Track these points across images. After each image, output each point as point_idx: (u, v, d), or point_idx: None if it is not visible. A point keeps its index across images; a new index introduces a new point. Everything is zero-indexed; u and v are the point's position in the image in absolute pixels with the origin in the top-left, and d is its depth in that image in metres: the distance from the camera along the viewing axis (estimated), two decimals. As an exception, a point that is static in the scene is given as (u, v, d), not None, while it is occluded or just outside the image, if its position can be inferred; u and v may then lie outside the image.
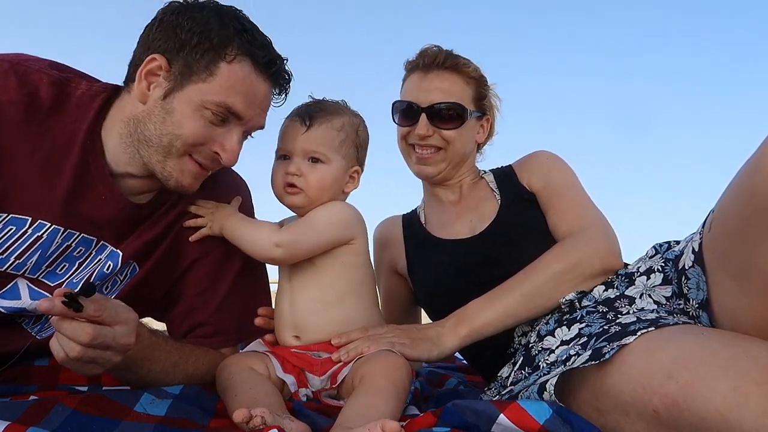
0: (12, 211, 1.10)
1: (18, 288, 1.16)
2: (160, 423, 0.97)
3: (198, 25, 1.13)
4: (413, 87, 1.57)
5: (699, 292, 1.04)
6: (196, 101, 1.13)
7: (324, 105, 1.34)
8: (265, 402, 1.02)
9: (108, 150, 1.18)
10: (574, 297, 1.28)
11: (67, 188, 1.13)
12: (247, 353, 1.28)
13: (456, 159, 1.57)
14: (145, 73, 1.14)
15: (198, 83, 1.13)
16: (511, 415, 0.87)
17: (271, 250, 1.27)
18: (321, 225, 1.29)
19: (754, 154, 0.84)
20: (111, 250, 1.22)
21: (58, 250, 1.16)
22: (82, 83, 1.17)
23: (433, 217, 1.65)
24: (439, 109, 1.51)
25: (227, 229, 1.30)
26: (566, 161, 1.56)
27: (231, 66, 1.13)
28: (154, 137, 1.14)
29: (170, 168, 1.17)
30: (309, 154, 1.29)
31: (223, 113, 1.15)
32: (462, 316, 1.30)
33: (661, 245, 1.28)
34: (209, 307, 1.32)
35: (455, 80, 1.55)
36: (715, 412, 0.77)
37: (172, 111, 1.13)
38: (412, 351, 1.24)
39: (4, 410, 0.85)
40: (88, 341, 0.88)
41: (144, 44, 1.17)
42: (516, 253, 1.41)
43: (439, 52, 1.56)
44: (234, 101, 1.14)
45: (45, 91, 1.11)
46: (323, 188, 1.30)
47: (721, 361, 0.81)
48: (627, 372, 0.90)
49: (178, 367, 1.20)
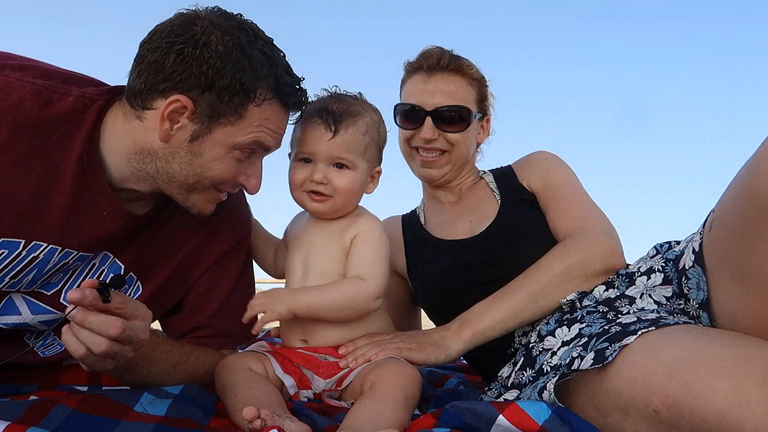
0: (3, 235, 1.04)
1: (14, 303, 1.14)
2: (160, 423, 0.97)
3: (223, 62, 1.05)
4: (416, 89, 1.55)
5: (699, 292, 1.04)
6: (225, 144, 1.10)
7: (346, 104, 1.28)
8: (266, 401, 1.02)
9: (110, 167, 1.13)
10: (575, 297, 1.28)
11: (64, 206, 1.08)
12: (245, 353, 1.27)
13: (460, 161, 1.57)
14: (168, 113, 1.06)
15: (227, 126, 1.09)
16: (510, 415, 0.87)
17: (373, 304, 1.25)
18: (384, 252, 1.28)
19: (755, 155, 0.84)
20: (111, 260, 1.20)
21: (56, 266, 1.12)
22: (71, 90, 1.08)
23: (433, 218, 1.65)
24: (445, 113, 1.50)
25: (302, 308, 1.21)
26: (566, 161, 1.56)
27: (260, 108, 1.10)
28: (179, 175, 1.11)
29: (193, 200, 1.16)
30: (335, 161, 1.25)
31: (255, 148, 1.14)
32: (466, 320, 1.30)
33: (662, 245, 1.28)
34: (209, 309, 1.32)
35: (459, 82, 1.54)
36: (715, 412, 0.77)
37: (201, 154, 1.10)
38: (418, 355, 1.25)
39: (4, 410, 0.86)
40: (118, 334, 0.88)
41: (158, 74, 1.06)
42: (515, 254, 1.41)
43: (443, 53, 1.55)
44: (264, 138, 1.13)
45: (28, 105, 1.02)
46: (351, 195, 1.28)
47: (721, 361, 0.81)
48: (627, 372, 0.90)
49: (178, 367, 1.20)
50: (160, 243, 1.26)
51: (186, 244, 1.29)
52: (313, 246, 1.30)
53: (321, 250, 1.29)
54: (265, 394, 1.08)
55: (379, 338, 1.28)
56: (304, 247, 1.31)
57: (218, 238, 1.33)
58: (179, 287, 1.31)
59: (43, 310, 1.16)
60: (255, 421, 0.87)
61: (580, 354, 1.04)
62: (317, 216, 1.32)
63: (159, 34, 1.08)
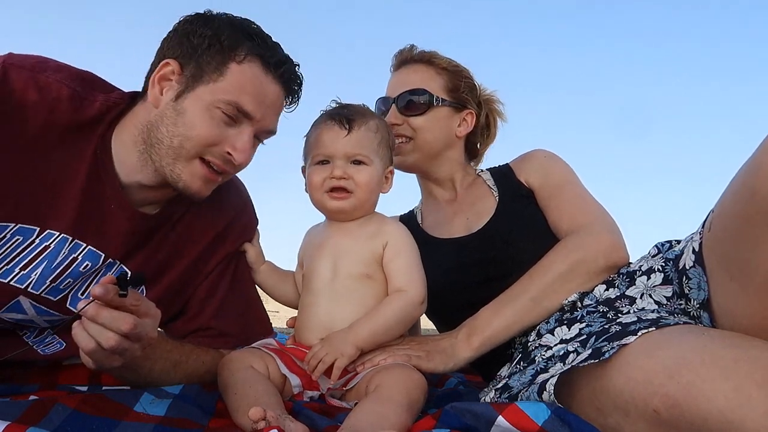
0: (20, 221, 1.10)
1: (21, 305, 1.16)
2: (160, 423, 0.97)
3: (210, 30, 1.16)
4: (389, 84, 1.63)
5: (700, 292, 1.04)
6: (206, 101, 1.14)
7: (354, 108, 1.36)
8: (264, 401, 1.02)
9: (117, 158, 1.18)
10: (576, 297, 1.27)
11: (78, 198, 1.13)
12: (248, 350, 1.27)
13: (427, 148, 1.57)
14: (158, 78, 1.16)
15: (209, 84, 1.14)
16: (510, 416, 0.88)
17: (420, 309, 1.31)
18: (416, 257, 1.33)
19: (754, 155, 0.84)
20: (118, 267, 1.22)
21: (65, 262, 1.15)
22: (98, 96, 1.16)
23: (430, 217, 1.65)
24: (405, 97, 1.55)
25: (366, 339, 1.23)
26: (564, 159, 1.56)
27: (241, 66, 1.15)
28: (165, 139, 1.15)
29: (179, 170, 1.17)
30: (352, 157, 1.30)
31: (234, 112, 1.15)
32: (473, 327, 1.30)
33: (663, 244, 1.28)
34: (211, 311, 1.33)
35: (424, 71, 1.59)
36: (716, 413, 0.76)
37: (184, 112, 1.14)
38: (427, 364, 1.26)
39: (4, 410, 0.85)
40: (129, 330, 0.89)
41: (159, 53, 1.20)
42: (514, 251, 1.41)
43: (412, 47, 1.62)
44: (244, 100, 1.15)
45: (64, 107, 1.10)
46: (371, 190, 1.32)
47: (722, 361, 0.81)
48: (627, 372, 0.90)
49: (179, 366, 1.20)
50: (166, 251, 1.28)
51: (190, 252, 1.31)
52: (341, 250, 1.32)
53: (350, 253, 1.32)
54: (264, 393, 1.08)
55: (391, 345, 1.29)
56: (332, 253, 1.33)
57: (223, 242, 1.35)
58: (182, 294, 1.32)
59: (49, 314, 1.19)
60: (260, 422, 0.88)
61: (577, 350, 1.04)
62: (338, 216, 1.35)
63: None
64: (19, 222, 1.10)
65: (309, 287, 1.34)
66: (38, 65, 1.11)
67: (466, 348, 1.29)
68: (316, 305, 1.31)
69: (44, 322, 1.20)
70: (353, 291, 1.29)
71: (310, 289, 1.34)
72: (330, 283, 1.31)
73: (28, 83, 1.07)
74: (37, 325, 1.21)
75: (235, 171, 1.25)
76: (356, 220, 1.35)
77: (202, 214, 1.33)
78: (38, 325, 1.21)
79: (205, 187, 1.20)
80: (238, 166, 1.21)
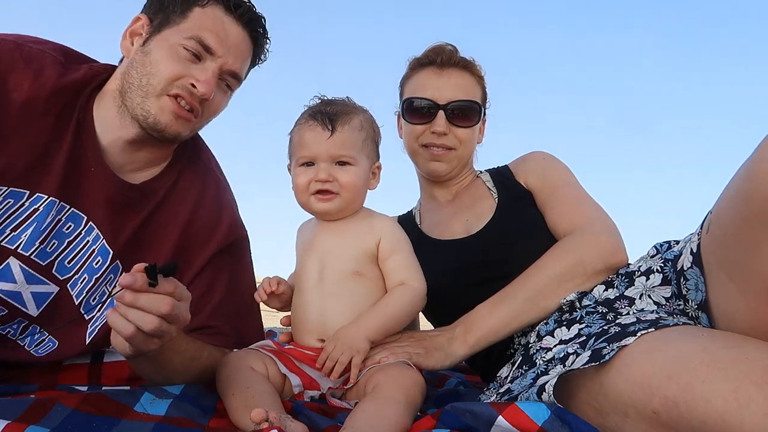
0: (12, 185, 1.15)
1: (11, 268, 1.18)
2: (160, 422, 0.97)
3: None
4: (428, 84, 1.54)
5: (698, 293, 1.04)
6: (170, 41, 1.23)
7: (338, 105, 1.33)
8: (262, 402, 1.02)
9: (99, 118, 1.24)
10: (575, 297, 1.28)
11: (63, 162, 1.19)
12: (247, 351, 1.27)
13: (465, 159, 1.58)
14: (129, 32, 1.28)
15: (172, 27, 1.24)
16: (510, 417, 0.87)
17: (424, 300, 1.31)
18: (410, 249, 1.34)
19: (750, 158, 0.83)
20: (101, 243, 1.24)
21: (51, 224, 1.19)
22: (83, 66, 1.24)
23: (428, 218, 1.65)
24: (458, 107, 1.51)
25: (376, 331, 1.23)
26: (563, 161, 1.56)
27: (204, 9, 1.26)
28: (135, 80, 1.22)
29: (149, 106, 1.22)
30: (336, 158, 1.28)
31: (197, 47, 1.23)
32: (469, 324, 1.31)
33: (662, 245, 1.28)
34: (207, 310, 1.32)
35: (469, 79, 1.56)
36: (715, 414, 0.76)
37: (149, 52, 1.23)
38: (426, 361, 1.26)
39: (4, 409, 0.85)
40: (168, 312, 0.90)
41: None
42: (513, 252, 1.41)
43: (455, 50, 1.56)
44: (206, 35, 1.24)
45: (49, 73, 1.17)
46: (357, 190, 1.30)
47: (721, 362, 0.81)
48: (626, 373, 0.90)
49: (195, 361, 1.19)
50: (152, 229, 1.29)
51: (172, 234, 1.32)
52: (328, 249, 1.31)
53: (340, 251, 1.30)
54: (262, 393, 1.08)
55: (389, 339, 1.29)
56: (319, 252, 1.32)
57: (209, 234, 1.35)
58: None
59: (37, 280, 1.20)
60: (262, 423, 0.88)
61: (576, 351, 1.04)
62: (326, 217, 1.33)
63: None
64: (11, 186, 1.15)
65: (300, 287, 1.33)
66: (21, 38, 1.19)
67: (462, 345, 1.29)
68: (307, 305, 1.30)
69: (31, 297, 1.21)
70: (344, 289, 1.28)
71: (300, 289, 1.33)
72: (319, 282, 1.30)
73: (14, 53, 1.14)
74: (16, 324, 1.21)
75: (204, 110, 1.29)
76: (344, 218, 1.34)
77: (188, 198, 1.35)
78: (17, 323, 1.21)
79: (176, 122, 1.25)
80: (202, 96, 1.24)
